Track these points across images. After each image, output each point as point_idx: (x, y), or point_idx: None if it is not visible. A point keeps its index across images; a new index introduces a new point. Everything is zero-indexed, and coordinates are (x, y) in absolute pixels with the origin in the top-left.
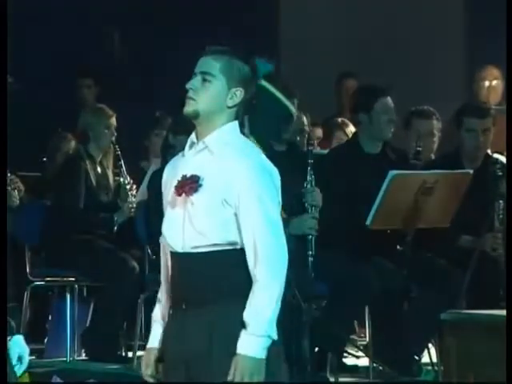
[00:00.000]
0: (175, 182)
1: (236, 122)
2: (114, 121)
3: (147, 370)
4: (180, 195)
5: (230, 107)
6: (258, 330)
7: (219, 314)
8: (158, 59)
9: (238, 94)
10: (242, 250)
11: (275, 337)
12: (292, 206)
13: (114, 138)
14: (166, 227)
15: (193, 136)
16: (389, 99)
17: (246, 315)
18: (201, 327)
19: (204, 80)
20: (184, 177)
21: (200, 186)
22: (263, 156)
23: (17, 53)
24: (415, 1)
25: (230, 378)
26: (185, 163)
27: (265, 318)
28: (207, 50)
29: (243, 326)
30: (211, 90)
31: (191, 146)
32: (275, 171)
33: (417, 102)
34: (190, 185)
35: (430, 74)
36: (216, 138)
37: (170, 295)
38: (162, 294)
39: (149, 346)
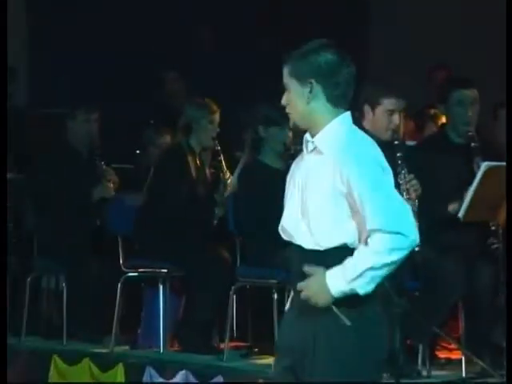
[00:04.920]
0: (293, 182)
1: (343, 116)
2: (217, 117)
3: None
4: (296, 194)
5: (310, 103)
6: (349, 276)
7: (325, 310)
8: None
9: (311, 86)
10: (353, 249)
11: (360, 293)
12: None
13: (215, 134)
14: (285, 223)
15: (307, 135)
16: (469, 91)
17: (348, 260)
18: (306, 322)
19: (287, 92)
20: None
21: (312, 185)
22: (371, 148)
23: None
24: None
25: (300, 285)
26: (302, 162)
27: (361, 274)
28: (284, 60)
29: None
30: (292, 99)
31: (306, 146)
32: (383, 160)
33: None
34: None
35: None
36: (323, 137)
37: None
38: None
39: None
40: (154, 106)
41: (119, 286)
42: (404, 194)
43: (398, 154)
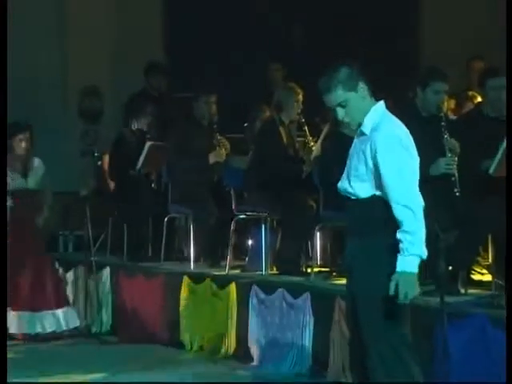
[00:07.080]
0: (350, 153)
1: (377, 105)
2: (301, 97)
3: None
4: (348, 162)
5: (340, 103)
6: (414, 251)
7: (370, 241)
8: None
9: (339, 93)
10: (383, 199)
11: (425, 257)
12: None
13: (299, 110)
14: (339, 183)
15: None
16: (500, 79)
17: (403, 243)
18: (356, 249)
19: None
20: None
21: (357, 156)
22: (397, 129)
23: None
24: None
25: (391, 292)
26: (356, 139)
27: (418, 241)
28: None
29: (397, 250)
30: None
31: (357, 128)
32: (407, 139)
33: None
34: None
35: None
36: (365, 121)
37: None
38: None
39: None
40: (259, 89)
41: (232, 224)
42: (448, 152)
43: (442, 123)
